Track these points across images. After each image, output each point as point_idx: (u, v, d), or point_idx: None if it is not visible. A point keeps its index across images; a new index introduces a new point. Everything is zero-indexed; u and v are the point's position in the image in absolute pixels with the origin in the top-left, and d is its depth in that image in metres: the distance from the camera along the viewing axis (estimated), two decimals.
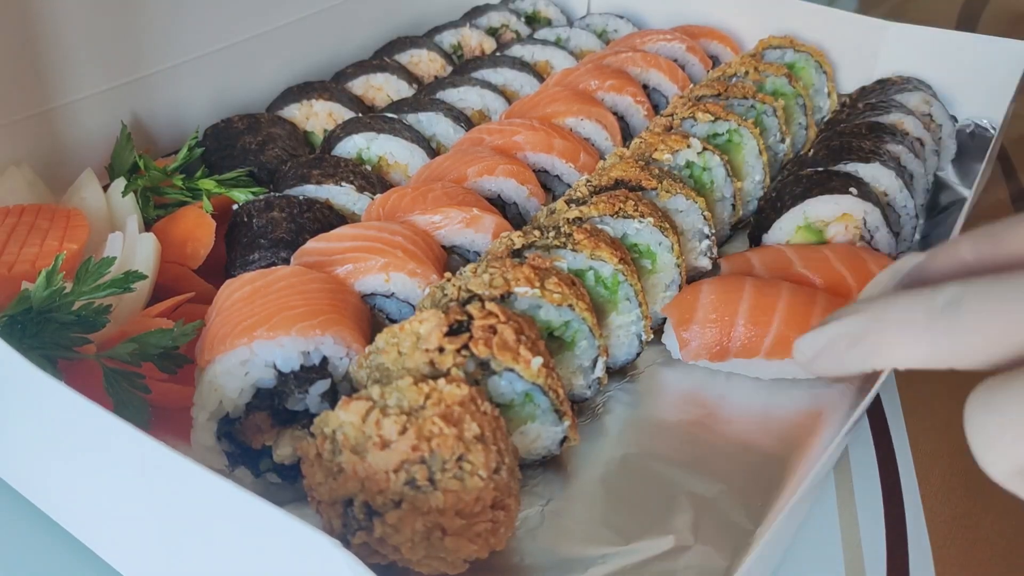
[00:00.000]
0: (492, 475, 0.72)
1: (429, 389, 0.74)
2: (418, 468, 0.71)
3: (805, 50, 1.52)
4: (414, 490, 0.71)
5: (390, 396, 0.74)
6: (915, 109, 1.39)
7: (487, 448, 0.72)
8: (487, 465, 0.72)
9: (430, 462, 0.71)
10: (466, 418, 0.73)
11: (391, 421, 0.71)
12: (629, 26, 1.76)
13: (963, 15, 2.23)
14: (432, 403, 0.73)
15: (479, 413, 0.74)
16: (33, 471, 0.85)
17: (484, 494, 0.72)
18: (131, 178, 1.14)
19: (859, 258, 1.08)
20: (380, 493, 0.71)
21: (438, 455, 0.71)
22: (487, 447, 0.73)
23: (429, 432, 0.71)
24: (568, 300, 0.89)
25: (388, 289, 0.96)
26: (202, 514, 0.66)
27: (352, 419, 0.72)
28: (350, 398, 0.74)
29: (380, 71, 1.49)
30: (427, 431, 0.71)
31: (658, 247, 1.04)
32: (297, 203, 1.09)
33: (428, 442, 0.71)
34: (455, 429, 0.72)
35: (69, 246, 0.96)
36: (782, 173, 1.30)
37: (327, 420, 0.74)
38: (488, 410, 0.76)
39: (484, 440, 0.73)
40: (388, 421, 0.71)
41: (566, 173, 1.25)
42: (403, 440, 0.71)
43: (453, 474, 0.71)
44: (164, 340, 0.86)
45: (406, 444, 0.70)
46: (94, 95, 1.25)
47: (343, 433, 0.73)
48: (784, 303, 0.98)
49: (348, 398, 0.74)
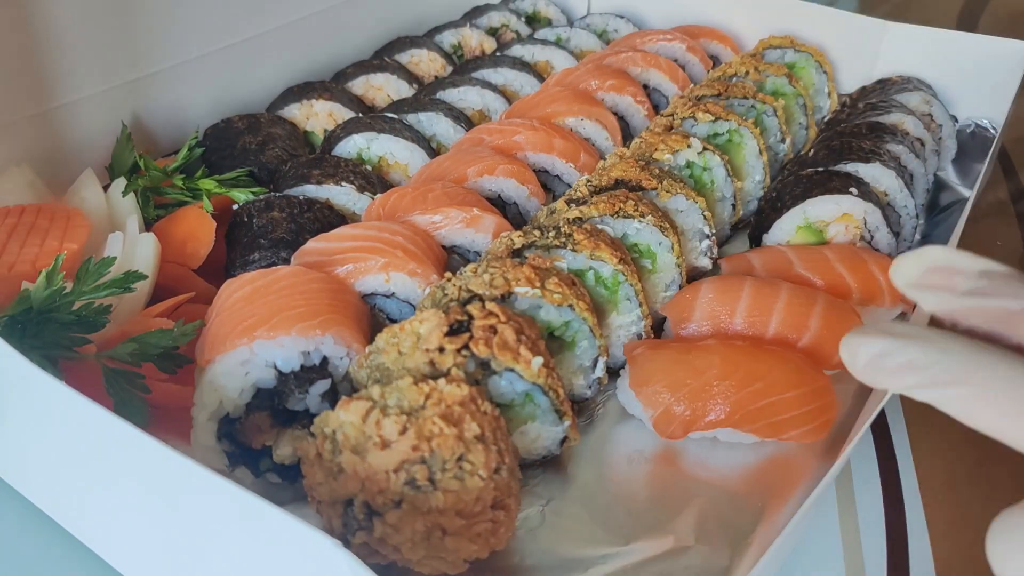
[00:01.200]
0: (492, 475, 0.72)
1: (429, 389, 0.74)
2: (418, 468, 0.71)
3: (805, 50, 1.52)
4: (414, 490, 0.71)
5: (390, 396, 0.74)
6: (915, 109, 1.39)
7: (487, 448, 0.72)
8: (487, 465, 0.72)
9: (430, 462, 0.71)
10: (466, 418, 0.73)
11: (391, 421, 0.71)
12: (629, 26, 1.76)
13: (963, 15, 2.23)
14: (432, 403, 0.73)
15: (479, 413, 0.74)
16: (33, 471, 0.85)
17: (484, 494, 0.72)
18: (131, 178, 1.14)
19: (859, 258, 1.08)
20: (380, 493, 0.71)
21: (438, 455, 0.71)
22: (487, 447, 0.72)
23: (429, 432, 0.71)
24: (568, 300, 0.89)
25: (388, 289, 0.96)
26: (202, 514, 0.66)
27: (352, 419, 0.72)
28: (350, 398, 0.74)
29: (380, 71, 1.49)
30: (427, 431, 0.71)
31: (658, 247, 1.04)
32: (297, 203, 1.09)
33: (428, 442, 0.71)
34: (455, 429, 0.72)
35: (69, 246, 0.96)
36: (782, 173, 1.30)
37: (327, 420, 0.74)
38: (488, 410, 0.75)
39: (484, 440, 0.73)
40: (388, 421, 0.71)
41: (566, 173, 1.25)
42: (403, 440, 0.71)
43: (453, 474, 0.71)
44: (164, 340, 0.86)
45: (406, 444, 0.70)
46: (94, 95, 1.25)
47: (343, 433, 0.72)
48: (783, 303, 0.98)
49: (348, 398, 0.74)
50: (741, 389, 0.89)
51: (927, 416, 1.01)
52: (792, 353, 0.94)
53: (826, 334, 0.96)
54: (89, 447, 0.72)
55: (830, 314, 0.97)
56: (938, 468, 0.94)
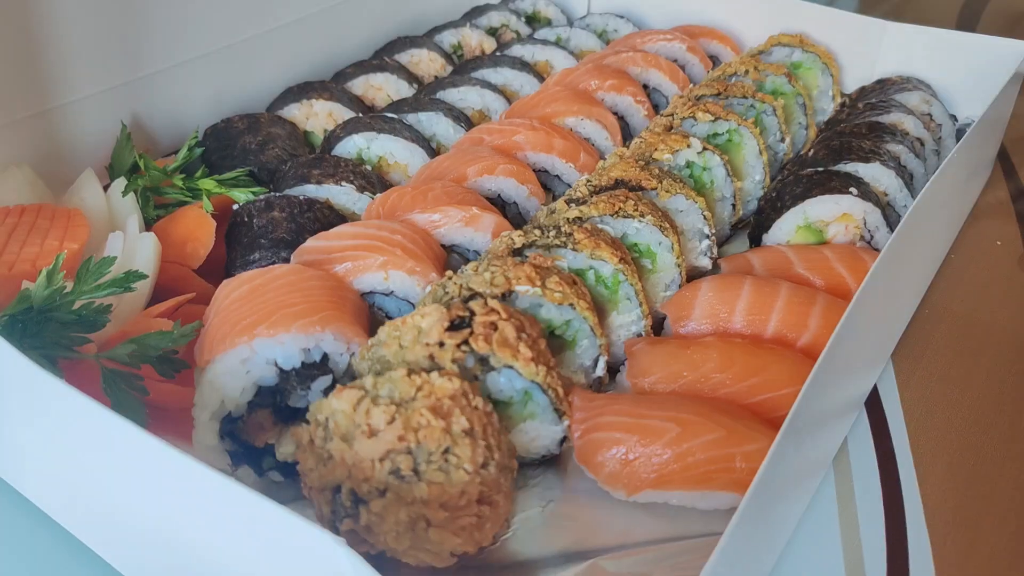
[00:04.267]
0: (479, 470, 0.73)
1: (421, 382, 0.75)
2: (403, 458, 0.72)
3: (814, 51, 1.52)
4: (398, 480, 0.71)
5: (382, 386, 0.75)
6: (915, 109, 1.39)
7: (475, 443, 0.73)
8: (473, 460, 0.72)
9: (416, 453, 0.72)
10: (455, 412, 0.74)
11: (380, 411, 0.72)
12: (629, 26, 1.76)
13: (963, 15, 2.23)
14: (423, 395, 0.74)
15: (470, 408, 0.75)
16: (33, 471, 0.85)
17: (470, 488, 0.72)
18: (131, 178, 1.14)
19: (859, 258, 1.08)
20: (366, 481, 0.72)
21: (424, 446, 0.72)
22: (475, 442, 0.73)
23: (417, 423, 0.72)
24: (569, 299, 0.89)
25: (387, 287, 0.96)
26: (203, 512, 0.66)
27: (343, 407, 0.74)
28: (344, 386, 0.75)
29: (380, 71, 1.49)
30: (415, 422, 0.72)
31: (658, 247, 1.04)
32: (297, 203, 1.09)
33: (415, 433, 0.72)
34: (443, 422, 0.73)
35: (69, 246, 0.96)
36: (782, 173, 1.30)
37: (320, 407, 0.75)
38: (480, 405, 0.76)
39: (473, 435, 0.73)
40: (377, 410, 0.72)
41: (566, 173, 1.25)
42: (390, 429, 0.72)
43: (438, 466, 0.72)
44: (164, 342, 0.86)
45: (392, 434, 0.71)
46: (94, 95, 1.25)
47: (334, 421, 0.74)
48: (783, 302, 0.98)
49: (342, 386, 0.75)
50: (738, 383, 0.89)
51: (927, 416, 1.01)
52: (791, 351, 0.94)
53: (826, 334, 0.95)
54: (89, 446, 0.72)
55: (830, 314, 0.97)
56: (938, 468, 0.94)
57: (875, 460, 0.95)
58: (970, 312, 1.18)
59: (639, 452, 0.82)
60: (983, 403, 1.03)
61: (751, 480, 0.77)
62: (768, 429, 0.84)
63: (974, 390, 1.05)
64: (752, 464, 0.81)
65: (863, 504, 0.89)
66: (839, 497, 0.90)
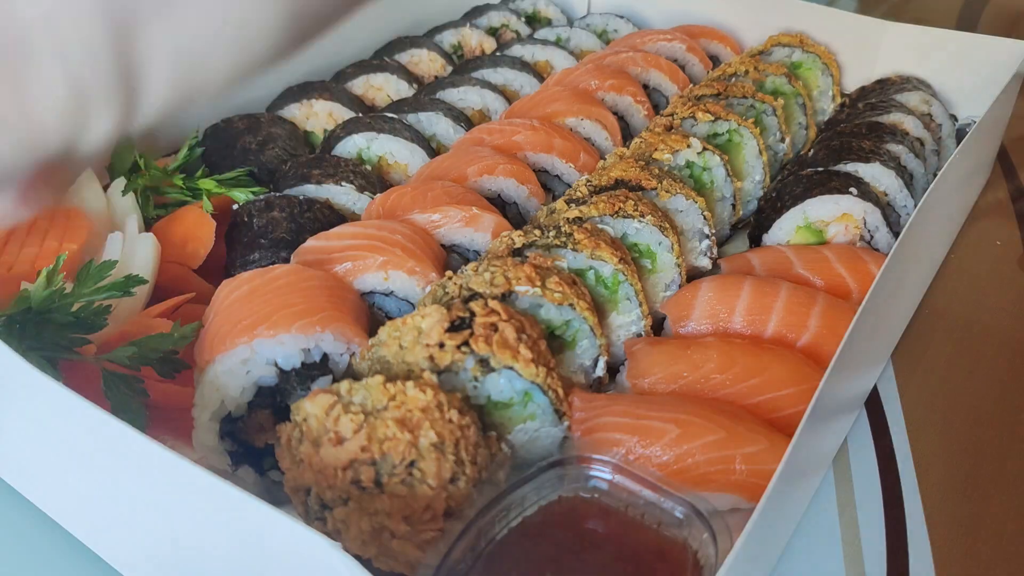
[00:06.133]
0: (447, 485, 0.72)
1: (395, 391, 0.73)
2: (365, 469, 0.71)
3: (814, 51, 1.52)
4: (360, 490, 0.71)
5: (356, 393, 0.74)
6: (915, 109, 1.39)
7: (442, 457, 0.72)
8: (439, 475, 0.71)
9: (380, 464, 0.71)
10: (425, 424, 0.72)
11: (348, 419, 0.71)
12: (629, 26, 1.76)
13: (963, 15, 2.23)
14: (394, 405, 0.72)
15: (443, 421, 0.73)
16: (33, 471, 0.85)
17: (435, 503, 0.71)
18: (131, 178, 1.14)
19: (859, 259, 1.08)
20: (329, 488, 0.71)
21: (389, 458, 0.71)
22: (443, 456, 0.72)
23: (383, 435, 0.71)
24: (569, 299, 0.89)
25: (387, 287, 0.96)
26: (201, 514, 0.66)
27: (316, 411, 0.73)
28: (319, 390, 0.75)
29: (380, 71, 1.49)
30: (380, 433, 0.71)
31: (658, 247, 1.04)
32: (297, 203, 1.09)
33: (380, 444, 0.71)
34: (410, 435, 0.71)
35: (69, 246, 0.96)
36: (782, 173, 1.30)
37: (298, 408, 0.75)
38: (455, 418, 0.74)
39: (442, 449, 0.72)
40: (346, 418, 0.72)
41: (566, 173, 1.25)
42: (355, 439, 0.71)
43: (401, 479, 0.71)
44: (164, 344, 0.86)
45: (357, 444, 0.71)
46: None
47: (307, 424, 0.73)
48: (783, 302, 0.98)
49: (318, 389, 0.74)
50: (738, 383, 0.89)
51: (927, 416, 1.01)
52: (791, 351, 0.94)
53: (825, 334, 0.96)
54: (88, 447, 0.72)
55: (829, 314, 0.97)
56: (938, 468, 0.94)
57: (875, 460, 0.95)
58: (970, 312, 1.18)
59: (639, 453, 0.82)
60: (983, 403, 1.03)
61: (750, 482, 0.77)
62: (768, 431, 0.84)
63: (974, 390, 1.05)
64: (752, 466, 0.81)
65: (863, 504, 0.89)
66: (839, 497, 0.90)
